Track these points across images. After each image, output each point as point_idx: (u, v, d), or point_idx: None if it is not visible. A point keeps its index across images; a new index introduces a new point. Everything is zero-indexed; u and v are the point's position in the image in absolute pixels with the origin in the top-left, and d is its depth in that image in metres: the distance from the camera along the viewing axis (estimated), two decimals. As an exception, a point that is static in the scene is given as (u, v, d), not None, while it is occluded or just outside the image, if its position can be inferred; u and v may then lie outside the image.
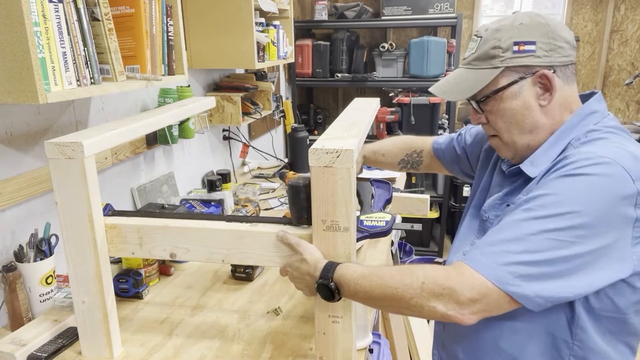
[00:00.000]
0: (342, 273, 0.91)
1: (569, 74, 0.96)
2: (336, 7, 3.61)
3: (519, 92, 0.95)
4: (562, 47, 0.94)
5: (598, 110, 0.97)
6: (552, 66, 0.94)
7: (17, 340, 1.08)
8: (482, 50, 0.98)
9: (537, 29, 0.94)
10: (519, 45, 0.94)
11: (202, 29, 2.03)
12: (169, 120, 1.37)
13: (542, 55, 0.94)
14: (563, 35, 0.95)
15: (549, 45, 0.94)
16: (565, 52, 0.95)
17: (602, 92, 3.73)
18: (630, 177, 0.82)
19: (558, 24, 0.96)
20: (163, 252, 1.06)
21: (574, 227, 0.81)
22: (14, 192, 1.22)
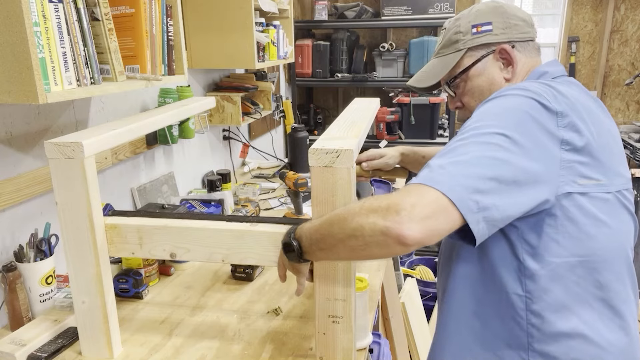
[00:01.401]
0: (300, 227, 0.89)
1: (530, 49, 1.04)
2: (336, 7, 3.61)
3: (483, 69, 1.04)
4: (518, 25, 1.03)
5: (547, 71, 1.01)
6: (510, 41, 1.02)
7: (17, 340, 1.08)
8: (446, 38, 1.08)
9: (492, 11, 1.03)
10: (477, 27, 1.03)
11: (202, 29, 2.03)
12: (169, 120, 1.37)
13: (500, 33, 1.02)
14: (518, 14, 1.03)
15: (505, 23, 1.02)
16: (522, 29, 1.03)
17: (602, 92, 3.75)
18: (547, 99, 0.84)
19: (513, 7, 1.05)
20: (163, 252, 1.06)
21: (501, 146, 0.78)
22: (14, 192, 1.22)
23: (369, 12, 3.58)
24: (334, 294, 0.99)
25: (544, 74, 1.01)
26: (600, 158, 0.86)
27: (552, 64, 1.04)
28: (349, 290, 0.99)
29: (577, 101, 0.88)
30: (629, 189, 0.93)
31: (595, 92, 3.70)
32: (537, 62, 1.05)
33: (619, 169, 0.90)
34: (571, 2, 3.61)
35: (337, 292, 0.98)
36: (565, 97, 0.87)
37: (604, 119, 0.94)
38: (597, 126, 0.88)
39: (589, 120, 0.86)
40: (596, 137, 0.86)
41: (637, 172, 3.09)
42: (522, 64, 1.03)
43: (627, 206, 0.92)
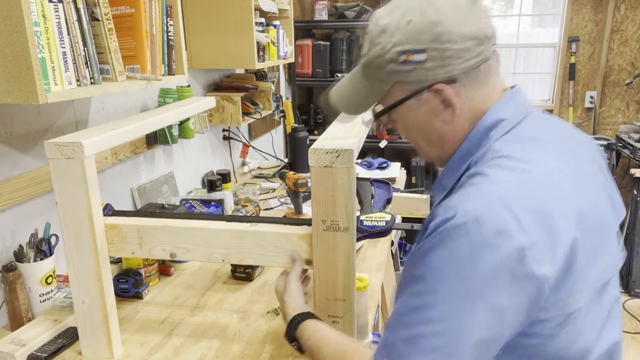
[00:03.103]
0: (304, 326, 0.91)
1: (479, 77, 0.76)
2: (336, 7, 3.61)
3: (416, 107, 0.79)
4: (465, 49, 0.73)
5: (504, 118, 0.76)
6: (450, 77, 0.75)
7: (17, 340, 1.08)
8: (370, 56, 0.79)
9: (427, 31, 0.73)
10: (406, 54, 0.74)
11: (202, 29, 2.03)
12: (169, 120, 1.37)
13: (436, 66, 0.74)
14: (465, 31, 0.73)
15: (444, 51, 0.73)
16: (469, 54, 0.74)
17: (602, 92, 3.75)
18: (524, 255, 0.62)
19: (457, 19, 0.73)
20: (163, 252, 1.06)
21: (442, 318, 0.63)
22: (14, 192, 1.22)
23: (369, 12, 3.58)
24: (334, 294, 0.99)
25: (499, 123, 0.76)
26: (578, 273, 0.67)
27: (508, 101, 0.78)
28: (349, 290, 0.99)
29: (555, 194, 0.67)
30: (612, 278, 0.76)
31: (595, 92, 3.71)
32: (488, 91, 0.78)
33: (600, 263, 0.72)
34: (571, 2, 3.61)
35: (337, 292, 0.99)
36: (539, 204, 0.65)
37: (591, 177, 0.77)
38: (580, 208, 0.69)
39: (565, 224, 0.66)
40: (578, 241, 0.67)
41: (637, 172, 3.09)
42: (467, 103, 0.77)
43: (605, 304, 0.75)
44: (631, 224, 3.19)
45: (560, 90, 3.78)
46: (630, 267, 3.16)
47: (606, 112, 3.77)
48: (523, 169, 0.69)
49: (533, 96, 3.93)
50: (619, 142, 3.39)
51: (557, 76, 3.77)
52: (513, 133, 0.75)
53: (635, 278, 3.14)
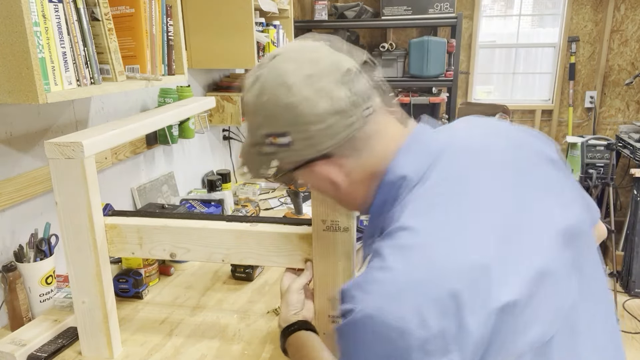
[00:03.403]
0: (288, 345, 0.90)
1: (357, 145, 0.67)
2: (336, 7, 3.61)
3: (307, 179, 0.73)
4: (327, 127, 0.64)
5: (405, 175, 0.66)
6: (323, 154, 0.67)
7: (17, 340, 1.08)
8: (247, 124, 0.73)
9: (282, 114, 0.65)
10: (272, 137, 0.67)
11: (202, 29, 2.03)
12: (169, 120, 1.37)
13: (303, 147, 0.66)
14: (322, 110, 0.64)
15: (305, 133, 0.65)
16: (335, 129, 0.65)
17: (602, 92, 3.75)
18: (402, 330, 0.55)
19: (309, 98, 0.63)
20: (163, 252, 1.06)
21: None
22: (14, 192, 1.22)
23: (369, 12, 3.58)
24: (334, 293, 0.99)
25: (401, 182, 0.66)
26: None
27: (407, 152, 0.68)
28: (349, 290, 0.99)
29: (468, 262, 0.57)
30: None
31: (595, 92, 3.71)
32: (384, 149, 0.69)
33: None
34: (571, 2, 3.61)
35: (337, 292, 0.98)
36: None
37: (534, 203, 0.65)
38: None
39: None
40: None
41: (637, 172, 3.09)
42: (354, 170, 0.69)
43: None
44: (631, 224, 3.19)
45: (560, 90, 3.78)
46: (630, 267, 3.16)
47: (606, 112, 3.77)
48: (423, 244, 0.59)
49: (533, 96, 3.94)
50: (619, 142, 3.39)
51: (557, 76, 3.78)
52: (415, 193, 0.65)
53: (635, 278, 3.14)
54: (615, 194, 3.40)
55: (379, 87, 0.69)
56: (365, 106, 0.66)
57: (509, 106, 3.80)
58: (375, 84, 0.68)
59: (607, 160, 3.32)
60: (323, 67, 0.65)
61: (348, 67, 0.65)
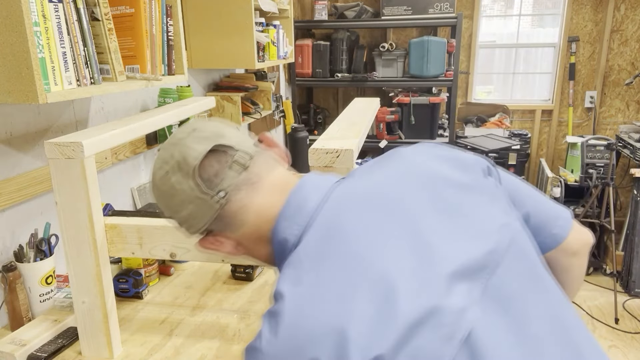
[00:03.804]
0: None
1: (227, 221, 0.72)
2: (336, 7, 3.61)
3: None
4: (194, 212, 0.71)
5: (285, 237, 0.68)
6: (200, 233, 0.75)
7: (17, 340, 1.08)
8: None
9: (159, 206, 0.76)
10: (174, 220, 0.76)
11: (202, 29, 2.03)
12: (169, 120, 1.37)
13: (187, 228, 0.75)
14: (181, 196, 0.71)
15: (179, 219, 0.74)
16: (201, 207, 0.71)
17: (602, 92, 3.75)
18: None
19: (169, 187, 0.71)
20: (163, 252, 1.06)
21: None
22: (14, 192, 1.22)
23: (369, 12, 3.58)
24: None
25: (283, 247, 0.69)
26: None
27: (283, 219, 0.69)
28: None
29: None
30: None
31: (595, 92, 3.71)
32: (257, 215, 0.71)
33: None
34: (571, 2, 3.61)
35: None
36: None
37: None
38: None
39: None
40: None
41: (637, 172, 3.09)
42: (244, 242, 0.74)
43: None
44: (631, 224, 3.19)
45: (560, 90, 3.78)
46: (630, 267, 3.16)
47: (606, 112, 3.77)
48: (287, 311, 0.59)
49: (533, 96, 3.94)
50: (619, 142, 3.39)
51: (557, 76, 3.78)
52: (291, 257, 0.65)
53: (635, 278, 3.14)
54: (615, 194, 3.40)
55: (253, 160, 0.73)
56: (218, 189, 0.70)
57: (509, 106, 3.80)
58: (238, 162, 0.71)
59: (607, 160, 3.32)
60: (174, 164, 0.71)
61: (196, 160, 0.70)
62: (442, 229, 0.64)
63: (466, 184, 0.69)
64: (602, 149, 3.35)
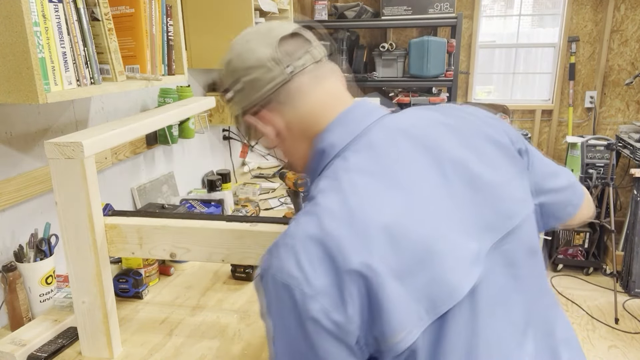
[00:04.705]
0: None
1: (287, 97, 0.76)
2: (336, 7, 3.61)
3: (255, 133, 0.83)
4: (256, 78, 0.76)
5: (325, 148, 0.74)
6: (254, 105, 0.78)
7: (17, 340, 1.08)
8: None
9: (226, 69, 0.81)
10: (224, 92, 0.83)
11: (202, 29, 2.03)
12: (169, 120, 1.37)
13: (238, 100, 0.80)
14: (251, 62, 0.76)
15: (239, 85, 0.79)
16: (262, 82, 0.76)
17: (602, 92, 3.75)
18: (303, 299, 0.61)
19: (245, 51, 0.78)
20: (163, 252, 1.06)
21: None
22: (14, 192, 1.22)
23: (369, 12, 3.58)
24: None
25: (321, 155, 0.75)
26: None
27: (333, 128, 0.75)
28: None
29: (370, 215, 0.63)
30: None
31: (595, 92, 3.71)
32: (309, 110, 0.77)
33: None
34: (571, 2, 3.61)
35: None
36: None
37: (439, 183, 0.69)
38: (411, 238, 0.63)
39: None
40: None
41: (637, 172, 3.09)
42: (286, 125, 0.78)
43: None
44: (631, 224, 3.19)
45: (560, 90, 3.78)
46: (630, 267, 3.16)
47: (606, 112, 3.77)
48: (318, 207, 0.65)
49: (533, 96, 3.94)
50: (619, 142, 3.39)
51: (557, 76, 3.78)
52: (332, 165, 0.72)
53: (635, 278, 3.14)
54: (615, 194, 3.40)
55: (323, 61, 0.80)
56: (288, 64, 0.76)
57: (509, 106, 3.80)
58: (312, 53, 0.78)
59: (607, 160, 3.32)
60: (257, 32, 0.79)
61: (282, 34, 0.77)
62: (475, 177, 0.71)
63: (506, 149, 0.77)
64: (602, 149, 3.35)
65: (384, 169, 0.68)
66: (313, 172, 0.77)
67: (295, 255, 0.62)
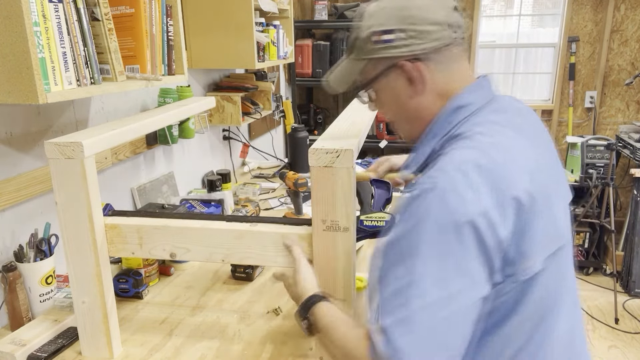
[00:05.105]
0: (319, 307, 0.88)
1: (446, 58, 0.86)
2: (336, 7, 3.61)
3: (387, 85, 0.90)
4: (428, 32, 0.84)
5: (466, 104, 0.86)
6: (415, 55, 0.85)
7: (17, 340, 1.08)
8: (350, 38, 0.93)
9: (396, 14, 0.85)
10: (377, 35, 0.86)
11: (202, 29, 2.03)
12: (169, 120, 1.37)
13: (402, 45, 0.85)
14: (431, 17, 0.84)
15: (410, 32, 0.84)
16: (432, 36, 0.84)
17: (602, 92, 3.75)
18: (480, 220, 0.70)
19: (425, 5, 0.85)
20: (163, 252, 1.06)
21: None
22: (14, 192, 1.22)
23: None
24: (334, 293, 0.99)
25: (460, 109, 0.85)
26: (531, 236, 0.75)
27: (474, 90, 0.88)
28: (349, 290, 0.99)
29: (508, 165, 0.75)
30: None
31: (595, 92, 3.71)
32: (454, 75, 0.88)
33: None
34: (571, 2, 3.61)
35: (337, 292, 0.99)
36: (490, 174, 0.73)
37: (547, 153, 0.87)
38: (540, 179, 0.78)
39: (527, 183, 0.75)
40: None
41: (637, 172, 3.09)
42: (433, 82, 0.86)
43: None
44: (631, 224, 3.19)
45: (560, 90, 3.78)
46: (630, 267, 3.16)
47: (606, 112, 3.77)
48: (480, 143, 0.78)
49: (533, 96, 3.94)
50: (619, 142, 3.39)
51: (557, 76, 3.78)
52: (477, 116, 0.84)
53: (635, 278, 3.14)
54: (615, 194, 3.40)
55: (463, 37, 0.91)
56: (455, 30, 0.86)
57: (509, 106, 3.79)
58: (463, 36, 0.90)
59: (607, 160, 3.32)
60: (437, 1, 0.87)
61: (453, 4, 0.88)
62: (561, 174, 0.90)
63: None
64: (602, 149, 3.35)
65: (516, 126, 0.84)
66: (439, 127, 0.87)
67: (464, 177, 0.72)
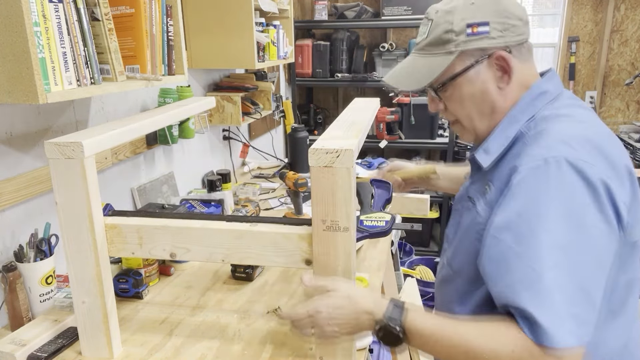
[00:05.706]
0: (412, 318, 0.82)
1: (524, 52, 0.95)
2: (336, 7, 3.61)
3: (475, 77, 0.93)
4: (516, 26, 0.92)
5: (547, 90, 0.94)
6: (507, 46, 0.92)
7: (17, 340, 1.08)
8: (435, 34, 0.94)
9: (489, 8, 0.91)
10: (473, 27, 0.90)
11: (202, 29, 2.03)
12: (169, 120, 1.37)
13: (497, 36, 0.91)
14: (516, 12, 0.92)
15: (503, 24, 0.91)
16: (519, 30, 0.92)
17: (602, 92, 3.74)
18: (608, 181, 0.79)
19: (512, 2, 0.93)
20: (163, 252, 1.06)
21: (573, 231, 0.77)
22: (14, 192, 1.22)
23: (369, 12, 3.58)
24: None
25: (543, 94, 0.94)
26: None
27: (550, 79, 0.97)
28: (349, 290, 0.98)
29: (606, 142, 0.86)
30: None
31: (596, 92, 3.71)
32: (531, 68, 0.97)
33: None
34: (571, 2, 3.61)
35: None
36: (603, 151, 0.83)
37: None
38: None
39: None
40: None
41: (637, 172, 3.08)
42: (518, 73, 0.94)
43: None
44: (631, 224, 3.19)
45: (560, 90, 3.78)
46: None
47: (606, 112, 3.77)
48: (579, 120, 0.88)
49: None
50: (619, 142, 3.39)
51: (557, 76, 3.77)
52: (557, 101, 0.93)
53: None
54: (615, 194, 3.40)
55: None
56: (529, 29, 0.96)
57: (509, 106, 3.79)
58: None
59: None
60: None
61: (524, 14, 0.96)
62: None
63: None
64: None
65: (588, 111, 0.93)
66: (521, 111, 0.93)
67: (582, 147, 0.80)
